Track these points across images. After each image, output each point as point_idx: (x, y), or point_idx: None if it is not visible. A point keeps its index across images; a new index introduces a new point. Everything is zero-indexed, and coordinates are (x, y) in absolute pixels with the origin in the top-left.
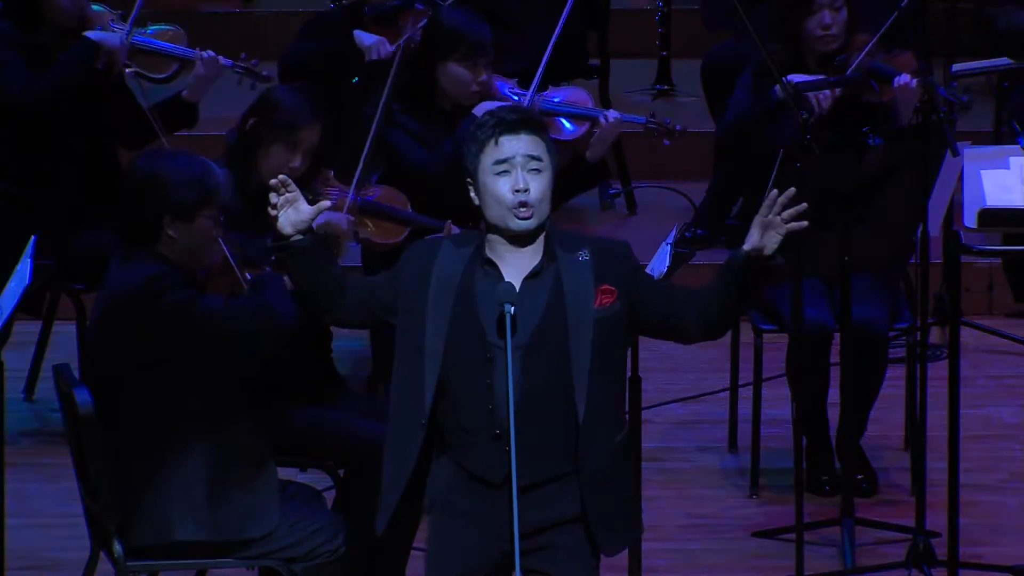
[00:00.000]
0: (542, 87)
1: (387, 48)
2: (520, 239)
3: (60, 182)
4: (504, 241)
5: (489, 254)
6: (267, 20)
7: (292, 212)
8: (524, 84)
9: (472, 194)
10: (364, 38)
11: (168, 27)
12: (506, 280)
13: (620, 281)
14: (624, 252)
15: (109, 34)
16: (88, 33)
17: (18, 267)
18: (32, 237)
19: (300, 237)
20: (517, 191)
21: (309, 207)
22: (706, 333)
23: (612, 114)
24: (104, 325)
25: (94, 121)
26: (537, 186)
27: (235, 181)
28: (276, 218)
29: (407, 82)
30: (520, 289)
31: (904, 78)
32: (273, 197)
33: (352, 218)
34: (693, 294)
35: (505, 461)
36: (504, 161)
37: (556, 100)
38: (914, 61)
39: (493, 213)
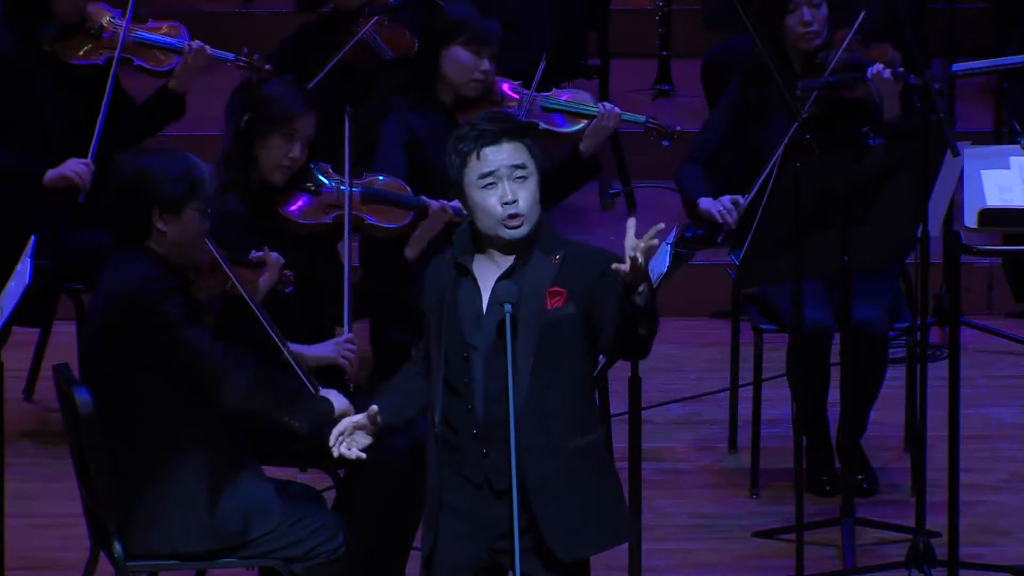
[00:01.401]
0: (545, 88)
1: None
2: (513, 246)
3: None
4: (495, 246)
5: (474, 256)
6: (267, 20)
7: (353, 440)
8: (526, 85)
9: (460, 203)
10: None
11: (166, 22)
12: (479, 283)
13: (576, 284)
14: (596, 258)
15: (67, 169)
16: (50, 172)
17: (18, 267)
18: (32, 237)
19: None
20: (506, 203)
21: (362, 430)
22: (605, 352)
23: (609, 105)
24: (101, 325)
25: (87, 120)
26: (525, 194)
27: (235, 181)
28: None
29: (408, 76)
30: (492, 290)
31: (876, 67)
32: (336, 444)
33: (347, 337)
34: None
35: (482, 462)
36: (489, 174)
37: (558, 100)
38: (891, 52)
39: (484, 224)
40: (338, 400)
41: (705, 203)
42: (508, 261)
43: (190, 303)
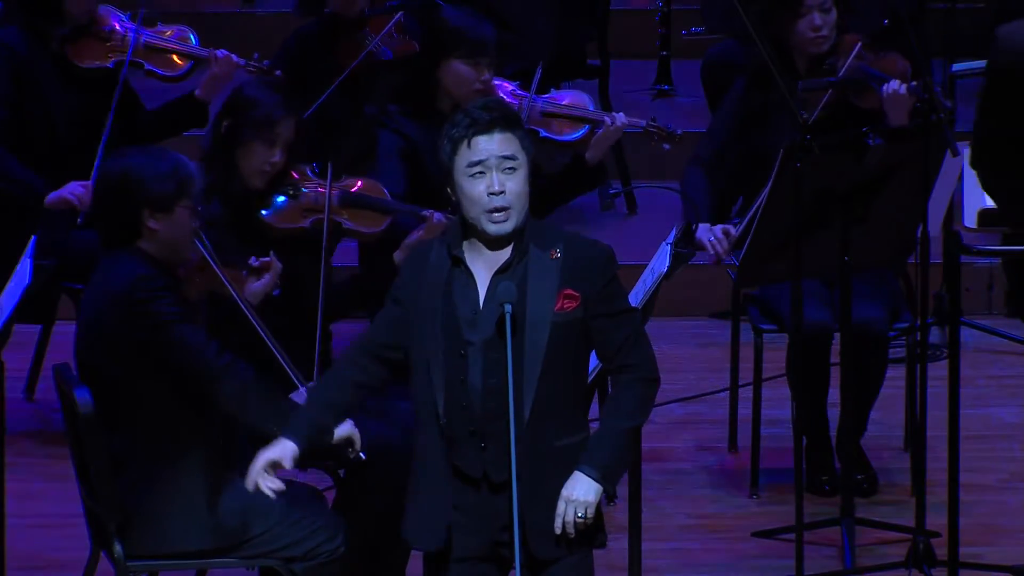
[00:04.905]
0: (544, 90)
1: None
2: (497, 241)
3: (61, 182)
4: (482, 240)
5: (465, 249)
6: (267, 20)
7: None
8: (525, 86)
9: (449, 190)
10: None
11: (177, 27)
12: (475, 276)
13: (588, 289)
14: (602, 260)
15: (67, 192)
16: (51, 195)
17: (18, 267)
18: (32, 237)
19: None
20: (492, 193)
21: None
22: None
23: (620, 117)
24: (95, 326)
25: (95, 121)
26: (513, 185)
27: (216, 185)
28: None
29: (407, 83)
30: (489, 284)
31: (892, 84)
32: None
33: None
34: (616, 355)
35: (479, 457)
36: (478, 163)
37: (558, 103)
38: (901, 61)
39: (470, 213)
40: (342, 427)
41: (701, 231)
42: (497, 255)
43: (182, 302)
